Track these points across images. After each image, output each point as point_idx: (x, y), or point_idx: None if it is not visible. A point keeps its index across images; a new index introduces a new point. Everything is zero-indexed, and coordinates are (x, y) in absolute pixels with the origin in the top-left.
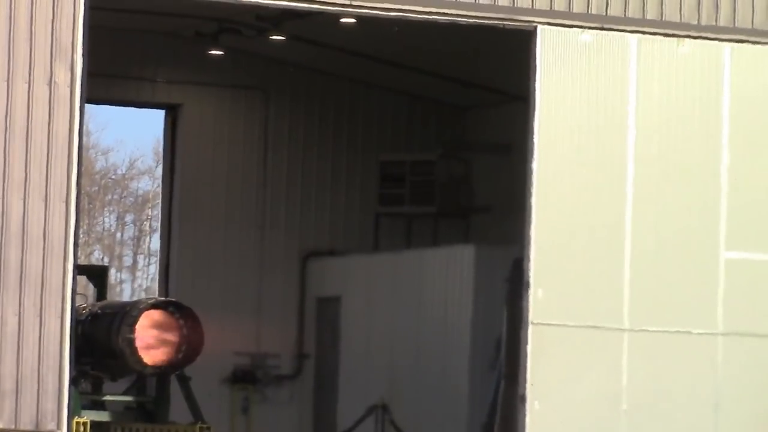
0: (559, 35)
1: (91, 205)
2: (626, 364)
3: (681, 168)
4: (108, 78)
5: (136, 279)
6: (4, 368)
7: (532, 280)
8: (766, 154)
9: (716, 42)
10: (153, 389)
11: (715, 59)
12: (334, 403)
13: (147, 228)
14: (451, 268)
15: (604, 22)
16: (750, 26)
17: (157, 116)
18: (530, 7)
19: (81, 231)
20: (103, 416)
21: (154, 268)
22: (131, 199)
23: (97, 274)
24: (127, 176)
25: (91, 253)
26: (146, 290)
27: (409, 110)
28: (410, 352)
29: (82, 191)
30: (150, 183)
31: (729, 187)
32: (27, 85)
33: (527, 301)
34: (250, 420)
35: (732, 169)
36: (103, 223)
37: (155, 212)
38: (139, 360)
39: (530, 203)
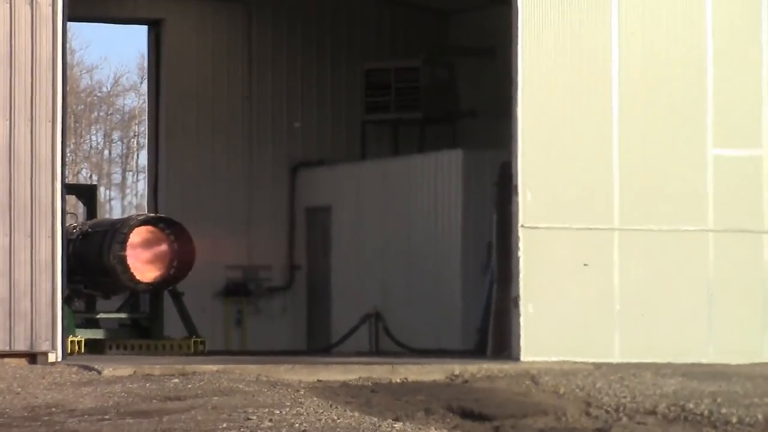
0: None
1: (77, 124)
2: (618, 264)
3: (666, 66)
4: None
5: (126, 196)
6: None
7: (520, 184)
8: (750, 51)
9: None
10: (146, 306)
11: None
12: (328, 313)
13: (135, 145)
14: (440, 173)
15: None
16: None
17: (141, 32)
18: None
19: (68, 150)
20: (97, 334)
21: (143, 185)
22: (118, 116)
23: (85, 193)
24: (112, 93)
25: (79, 172)
26: (136, 207)
27: (392, 17)
28: (402, 259)
29: (68, 110)
30: (136, 99)
31: (714, 84)
32: (8, 5)
33: (516, 205)
34: (245, 332)
35: (717, 66)
36: (91, 141)
37: (142, 129)
38: (132, 277)
39: (516, 106)
